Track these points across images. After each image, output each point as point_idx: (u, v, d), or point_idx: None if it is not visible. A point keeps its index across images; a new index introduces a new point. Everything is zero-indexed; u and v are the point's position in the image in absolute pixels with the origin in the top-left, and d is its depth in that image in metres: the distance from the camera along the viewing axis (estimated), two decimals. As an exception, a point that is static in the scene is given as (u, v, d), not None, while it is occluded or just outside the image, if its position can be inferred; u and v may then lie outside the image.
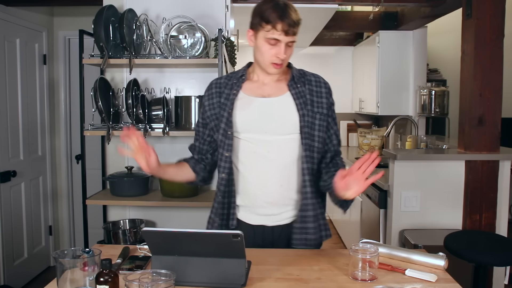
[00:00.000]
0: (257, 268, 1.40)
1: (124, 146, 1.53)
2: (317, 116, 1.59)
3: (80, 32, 2.63)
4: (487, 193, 2.78)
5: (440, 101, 3.94)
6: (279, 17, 1.48)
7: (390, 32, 4.24)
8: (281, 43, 1.51)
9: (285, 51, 1.53)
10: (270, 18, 1.48)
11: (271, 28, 1.49)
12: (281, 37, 1.50)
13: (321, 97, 1.62)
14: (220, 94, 1.65)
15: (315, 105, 1.60)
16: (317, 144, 1.59)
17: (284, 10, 1.49)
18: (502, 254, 2.15)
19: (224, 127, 1.59)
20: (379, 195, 2.99)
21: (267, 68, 1.57)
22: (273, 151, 1.56)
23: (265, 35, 1.51)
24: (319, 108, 1.60)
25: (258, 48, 1.55)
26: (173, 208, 2.82)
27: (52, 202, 3.96)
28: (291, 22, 1.49)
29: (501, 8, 2.75)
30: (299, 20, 1.52)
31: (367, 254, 1.33)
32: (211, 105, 1.65)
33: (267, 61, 1.55)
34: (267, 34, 1.51)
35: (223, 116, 1.60)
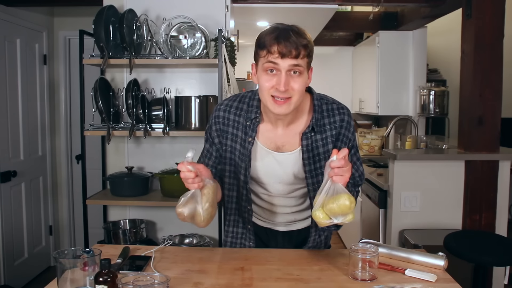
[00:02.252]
0: (257, 268, 1.40)
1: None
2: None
3: (80, 32, 2.63)
4: (486, 193, 2.78)
5: (440, 101, 3.94)
6: (275, 38, 1.25)
7: (390, 32, 4.24)
8: (280, 71, 1.27)
9: (288, 80, 1.27)
10: (265, 41, 1.27)
11: (266, 53, 1.27)
12: (277, 61, 1.26)
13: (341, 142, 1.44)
14: (231, 135, 1.45)
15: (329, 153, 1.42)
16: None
17: (283, 31, 1.27)
18: (502, 254, 2.15)
19: (244, 179, 1.46)
20: (379, 195, 2.99)
21: (269, 106, 1.32)
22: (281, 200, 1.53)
23: (262, 63, 1.29)
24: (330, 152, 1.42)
25: (259, 82, 1.34)
26: (173, 208, 2.80)
27: (52, 202, 3.96)
28: (291, 43, 1.24)
29: (501, 8, 2.75)
30: (306, 43, 1.26)
31: (367, 254, 1.33)
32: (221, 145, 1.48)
33: (267, 96, 1.31)
34: (264, 62, 1.29)
35: (240, 166, 1.45)
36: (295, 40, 1.25)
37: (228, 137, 1.46)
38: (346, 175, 1.23)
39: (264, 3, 3.33)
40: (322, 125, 1.42)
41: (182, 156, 2.91)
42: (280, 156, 1.44)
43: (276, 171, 1.46)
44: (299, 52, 1.25)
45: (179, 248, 1.72)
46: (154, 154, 2.86)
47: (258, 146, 1.44)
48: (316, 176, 1.44)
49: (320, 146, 1.42)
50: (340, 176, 1.22)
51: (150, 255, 1.49)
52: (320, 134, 1.42)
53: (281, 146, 1.43)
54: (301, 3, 3.34)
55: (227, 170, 1.50)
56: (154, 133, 2.60)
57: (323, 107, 1.43)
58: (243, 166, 1.45)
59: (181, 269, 1.38)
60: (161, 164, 2.81)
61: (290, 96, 1.29)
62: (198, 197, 1.30)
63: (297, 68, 1.27)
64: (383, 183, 2.97)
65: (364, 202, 3.51)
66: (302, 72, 1.29)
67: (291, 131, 1.42)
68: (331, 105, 1.45)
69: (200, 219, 1.31)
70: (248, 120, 1.43)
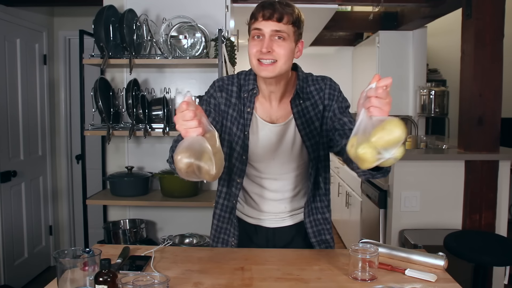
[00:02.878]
0: (257, 268, 1.40)
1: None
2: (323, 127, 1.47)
3: (80, 32, 2.63)
4: (486, 193, 2.78)
5: (440, 101, 3.94)
6: (261, 6, 1.33)
7: (390, 32, 4.25)
8: (265, 35, 1.32)
9: (271, 43, 1.31)
10: (254, 12, 1.35)
11: (254, 21, 1.34)
12: (261, 25, 1.32)
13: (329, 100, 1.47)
14: (230, 103, 1.48)
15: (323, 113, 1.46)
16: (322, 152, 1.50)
17: (270, 1, 1.34)
18: (502, 254, 2.15)
19: (240, 151, 1.47)
20: (379, 195, 2.99)
21: (256, 70, 1.37)
22: (282, 177, 1.52)
23: (250, 33, 1.37)
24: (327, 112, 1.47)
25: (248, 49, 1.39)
26: (173, 208, 2.82)
27: (52, 202, 3.96)
28: (275, 8, 1.31)
29: (501, 8, 2.75)
30: (291, 12, 1.33)
31: (367, 254, 1.33)
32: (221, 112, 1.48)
33: (254, 60, 1.35)
34: (251, 30, 1.36)
35: (236, 135, 1.47)
36: (279, 7, 1.31)
37: (230, 106, 1.48)
38: (386, 109, 1.03)
39: (264, 3, 3.33)
40: (309, 92, 1.48)
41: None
42: (275, 127, 1.47)
43: (272, 145, 1.48)
44: (282, 17, 1.30)
45: (179, 248, 1.72)
46: (154, 154, 2.86)
47: (255, 117, 1.47)
48: (313, 137, 1.46)
49: (311, 110, 1.46)
50: (378, 108, 1.02)
51: (150, 255, 1.49)
52: (309, 100, 1.47)
53: (275, 120, 1.47)
54: (301, 3, 3.33)
55: (226, 140, 1.51)
56: (154, 133, 2.60)
57: (308, 78, 1.50)
58: (241, 137, 1.47)
59: (181, 269, 1.38)
60: (161, 164, 2.81)
61: (275, 60, 1.33)
62: (203, 142, 1.04)
63: (280, 33, 1.32)
64: (383, 183, 2.97)
65: (364, 202, 3.51)
66: (286, 38, 1.33)
67: (284, 103, 1.47)
68: (315, 77, 1.51)
69: (208, 168, 1.05)
70: (245, 92, 1.48)
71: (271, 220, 1.60)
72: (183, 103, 1.03)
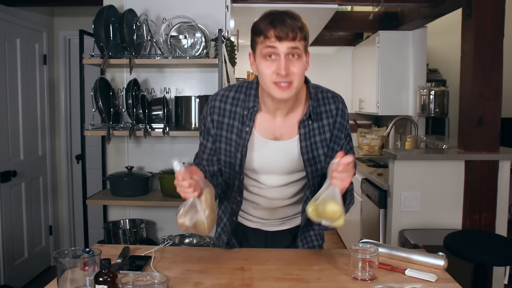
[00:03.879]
0: (257, 268, 1.40)
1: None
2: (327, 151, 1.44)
3: (80, 32, 2.63)
4: (486, 193, 2.78)
5: (440, 101, 3.94)
6: (271, 23, 1.25)
7: (390, 32, 4.24)
8: (279, 55, 1.26)
9: (287, 64, 1.25)
10: (261, 27, 1.27)
11: (264, 39, 1.26)
12: (275, 45, 1.25)
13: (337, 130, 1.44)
14: (227, 126, 1.43)
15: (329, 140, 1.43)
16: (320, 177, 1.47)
17: (277, 15, 1.26)
18: (502, 254, 2.15)
19: (238, 170, 1.44)
20: (379, 195, 2.99)
21: (271, 92, 1.30)
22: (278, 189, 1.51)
23: (260, 50, 1.28)
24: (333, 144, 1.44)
25: (258, 69, 1.32)
26: (173, 208, 2.79)
27: (52, 202, 3.96)
28: (287, 26, 1.24)
29: (501, 8, 2.75)
30: (301, 25, 1.26)
31: (367, 254, 1.33)
32: (217, 136, 1.45)
33: (268, 82, 1.29)
34: (262, 48, 1.27)
35: (236, 157, 1.43)
36: (290, 23, 1.24)
37: (223, 128, 1.44)
38: (346, 180, 1.24)
39: (264, 3, 3.33)
40: (319, 113, 1.42)
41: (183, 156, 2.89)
42: (278, 144, 1.42)
43: (273, 162, 1.44)
44: (296, 34, 1.25)
45: (179, 248, 1.72)
46: (154, 154, 2.86)
47: (255, 136, 1.42)
48: (314, 164, 1.43)
49: (317, 134, 1.42)
50: (340, 180, 1.23)
51: (150, 255, 1.49)
52: (317, 122, 1.41)
53: (279, 136, 1.42)
54: (301, 3, 3.34)
55: (222, 160, 1.48)
56: (154, 133, 2.60)
57: (318, 95, 1.44)
58: (238, 157, 1.42)
59: (181, 269, 1.38)
60: (161, 164, 2.81)
61: (291, 81, 1.28)
62: (198, 205, 1.27)
63: (295, 51, 1.26)
64: (383, 183, 2.97)
65: (364, 202, 3.51)
66: (301, 55, 1.28)
67: (289, 120, 1.42)
68: (326, 94, 1.45)
69: (203, 227, 1.28)
70: (245, 110, 1.41)
71: (271, 223, 1.60)
72: (179, 175, 1.21)
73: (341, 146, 1.45)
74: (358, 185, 3.67)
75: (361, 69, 4.96)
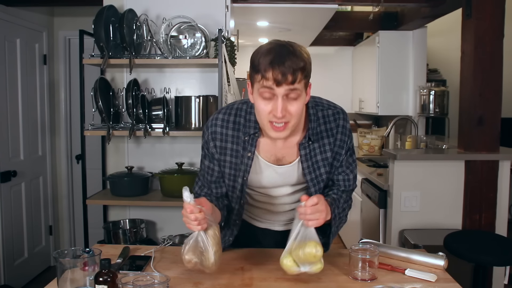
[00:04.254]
0: (257, 268, 1.40)
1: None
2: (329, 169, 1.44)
3: (80, 32, 2.63)
4: (486, 193, 2.78)
5: (440, 101, 3.94)
6: (270, 63, 1.18)
7: (390, 32, 4.24)
8: (277, 96, 1.21)
9: (284, 106, 1.22)
10: (260, 66, 1.20)
11: (261, 78, 1.21)
12: (273, 87, 1.20)
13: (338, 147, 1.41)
14: (230, 151, 1.42)
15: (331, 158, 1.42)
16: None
17: (278, 54, 1.19)
18: (502, 254, 2.15)
19: (239, 195, 1.45)
20: (379, 195, 2.99)
21: (267, 131, 1.29)
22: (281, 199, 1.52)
23: (257, 88, 1.24)
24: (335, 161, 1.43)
25: (255, 105, 1.29)
26: (173, 208, 2.82)
27: (52, 202, 3.96)
28: (287, 68, 1.17)
29: (501, 8, 2.75)
30: (303, 65, 1.20)
31: (367, 254, 1.33)
32: (220, 161, 1.44)
33: (264, 121, 1.27)
34: (259, 87, 1.23)
35: (238, 182, 1.43)
36: (290, 64, 1.18)
37: (227, 153, 1.43)
38: (320, 219, 1.22)
39: (264, 3, 3.33)
40: (319, 133, 1.40)
41: (182, 156, 2.88)
42: (280, 169, 1.42)
43: (277, 182, 1.46)
44: (296, 77, 1.19)
45: (179, 248, 1.72)
46: (154, 154, 2.86)
47: (259, 160, 1.42)
48: (318, 183, 1.43)
49: (318, 153, 1.40)
50: (312, 220, 1.21)
51: (150, 255, 1.49)
52: (318, 142, 1.40)
53: (281, 158, 1.41)
54: (301, 3, 3.33)
55: (226, 184, 1.48)
56: (154, 133, 2.60)
57: (318, 114, 1.41)
58: (239, 182, 1.43)
59: (181, 269, 1.38)
60: (161, 164, 2.81)
61: (287, 121, 1.25)
62: (204, 240, 1.24)
63: (293, 92, 1.22)
64: (383, 183, 2.97)
65: (364, 202, 3.51)
66: (300, 95, 1.23)
67: (290, 142, 1.40)
68: (326, 111, 1.42)
69: (210, 262, 1.25)
70: (246, 135, 1.40)
71: (280, 224, 1.61)
72: (188, 207, 1.22)
73: (341, 162, 1.44)
74: (358, 185, 3.67)
75: (361, 69, 4.95)
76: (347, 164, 1.45)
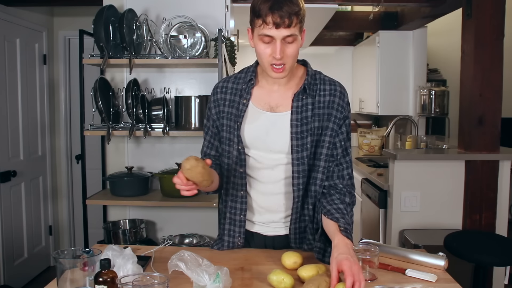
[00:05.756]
0: (257, 268, 1.40)
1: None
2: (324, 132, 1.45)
3: (80, 32, 2.62)
4: (487, 193, 2.78)
5: (440, 101, 3.94)
6: (269, 8, 1.30)
7: (390, 32, 4.24)
8: (275, 40, 1.33)
9: (282, 49, 1.34)
10: (260, 11, 1.31)
11: (262, 23, 1.32)
12: (272, 32, 1.32)
13: (331, 109, 1.45)
14: (228, 102, 1.52)
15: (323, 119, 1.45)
16: (323, 163, 1.46)
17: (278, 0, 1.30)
18: (502, 254, 2.15)
19: (237, 142, 1.49)
20: (379, 195, 2.99)
21: (268, 72, 1.40)
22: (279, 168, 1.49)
23: (258, 32, 1.35)
24: (327, 122, 1.45)
25: (256, 48, 1.40)
26: (173, 208, 2.82)
27: (52, 202, 3.96)
28: (284, 12, 1.29)
29: (501, 8, 2.75)
30: (298, 10, 1.31)
31: (367, 254, 1.33)
32: (219, 114, 1.53)
33: (265, 63, 1.38)
34: (259, 31, 1.34)
35: (234, 128, 1.49)
36: (287, 9, 1.30)
37: (226, 104, 1.52)
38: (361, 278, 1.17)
39: (264, 3, 3.33)
40: (314, 90, 1.47)
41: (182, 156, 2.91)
42: (272, 116, 1.47)
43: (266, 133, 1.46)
44: (292, 21, 1.31)
45: (179, 248, 1.72)
46: (154, 154, 2.86)
47: (250, 107, 1.49)
48: (301, 138, 1.44)
49: (310, 109, 1.45)
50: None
51: (150, 255, 1.49)
52: (312, 98, 1.46)
53: (275, 107, 1.47)
54: (301, 3, 3.33)
55: (224, 137, 1.53)
56: (154, 133, 2.60)
57: (316, 75, 1.51)
58: (235, 127, 1.49)
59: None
60: (161, 164, 2.81)
61: (285, 63, 1.37)
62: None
63: (291, 37, 1.33)
64: (383, 183, 2.97)
65: (364, 202, 3.51)
66: (296, 39, 1.35)
67: (285, 93, 1.48)
68: (323, 76, 1.52)
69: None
70: (244, 84, 1.51)
71: (268, 227, 1.57)
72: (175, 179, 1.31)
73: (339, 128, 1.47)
74: (358, 185, 3.67)
75: (361, 69, 4.95)
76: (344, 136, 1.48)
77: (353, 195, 1.53)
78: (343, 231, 1.34)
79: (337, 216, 1.39)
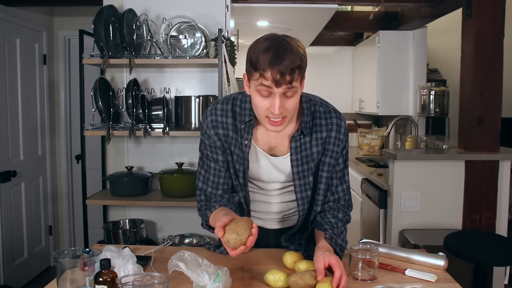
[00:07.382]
0: (257, 268, 1.40)
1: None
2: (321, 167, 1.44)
3: (80, 32, 2.63)
4: (487, 193, 2.78)
5: (440, 101, 3.94)
6: (269, 63, 1.19)
7: (390, 32, 4.24)
8: (274, 94, 1.23)
9: (282, 103, 1.24)
10: (258, 64, 1.20)
11: (259, 76, 1.21)
12: (271, 86, 1.22)
13: (328, 144, 1.43)
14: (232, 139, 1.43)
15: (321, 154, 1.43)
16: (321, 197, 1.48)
17: (278, 52, 1.19)
18: (502, 254, 2.15)
19: (243, 182, 1.46)
20: (379, 195, 2.99)
21: (264, 125, 1.32)
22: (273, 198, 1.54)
23: (254, 84, 1.25)
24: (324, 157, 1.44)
25: (252, 99, 1.30)
26: (173, 208, 2.82)
27: (52, 202, 3.96)
28: (285, 67, 1.18)
29: (501, 8, 2.75)
30: (300, 64, 1.21)
31: (367, 254, 1.33)
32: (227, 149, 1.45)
33: (262, 116, 1.29)
34: (257, 83, 1.23)
35: (239, 170, 1.45)
36: (288, 63, 1.19)
37: (228, 141, 1.44)
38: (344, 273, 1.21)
39: (264, 3, 3.33)
40: (310, 127, 1.42)
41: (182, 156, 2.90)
42: (274, 160, 1.45)
43: (272, 172, 1.47)
44: (293, 77, 1.21)
45: (179, 248, 1.72)
46: (154, 154, 2.86)
47: (255, 148, 1.45)
48: (303, 178, 1.45)
49: (308, 148, 1.42)
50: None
51: (150, 255, 1.48)
52: (309, 136, 1.42)
53: (274, 147, 1.44)
54: (301, 3, 3.33)
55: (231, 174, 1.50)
56: (154, 133, 2.60)
57: (311, 109, 1.43)
58: (241, 169, 1.45)
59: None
60: (161, 164, 2.81)
61: (284, 116, 1.28)
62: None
63: (291, 90, 1.24)
64: (383, 183, 2.97)
65: (364, 202, 3.51)
66: (296, 92, 1.26)
67: (283, 134, 1.41)
68: (319, 108, 1.45)
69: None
70: (242, 123, 1.41)
71: (273, 221, 1.60)
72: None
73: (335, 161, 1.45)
74: (358, 185, 3.67)
75: (361, 69, 4.95)
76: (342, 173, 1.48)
77: (348, 214, 1.54)
78: (327, 239, 1.36)
79: (326, 227, 1.41)
